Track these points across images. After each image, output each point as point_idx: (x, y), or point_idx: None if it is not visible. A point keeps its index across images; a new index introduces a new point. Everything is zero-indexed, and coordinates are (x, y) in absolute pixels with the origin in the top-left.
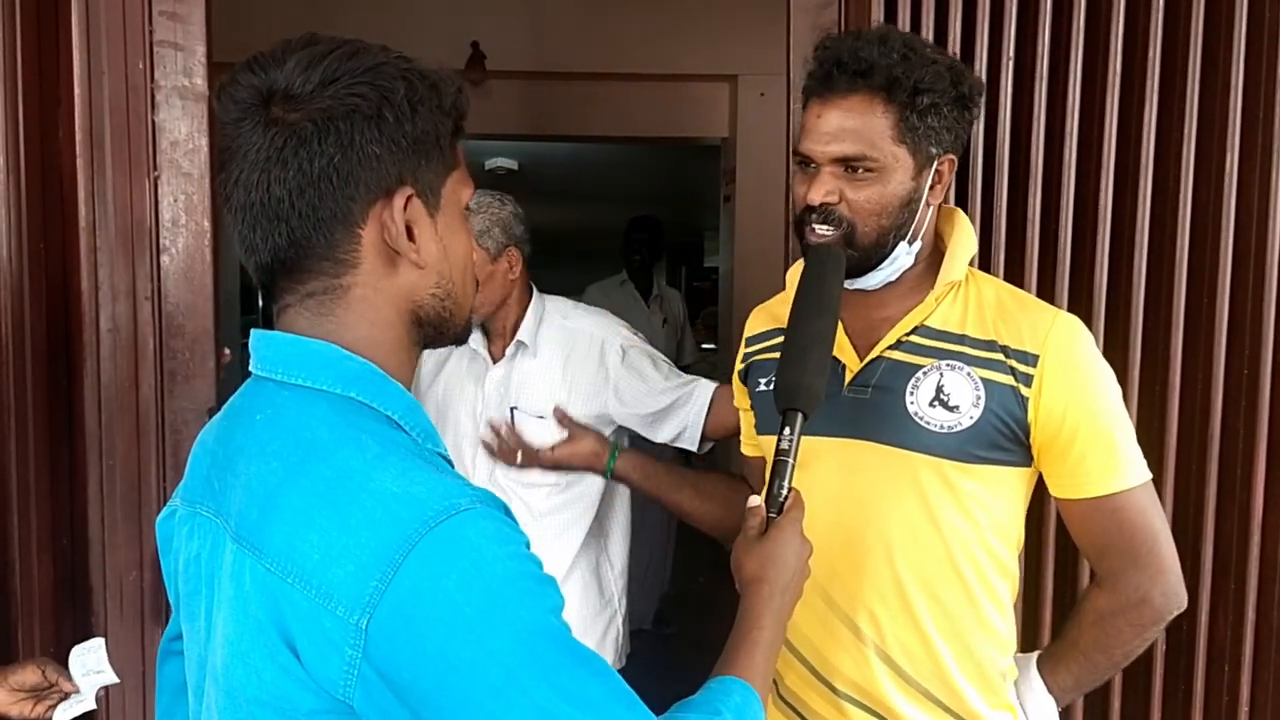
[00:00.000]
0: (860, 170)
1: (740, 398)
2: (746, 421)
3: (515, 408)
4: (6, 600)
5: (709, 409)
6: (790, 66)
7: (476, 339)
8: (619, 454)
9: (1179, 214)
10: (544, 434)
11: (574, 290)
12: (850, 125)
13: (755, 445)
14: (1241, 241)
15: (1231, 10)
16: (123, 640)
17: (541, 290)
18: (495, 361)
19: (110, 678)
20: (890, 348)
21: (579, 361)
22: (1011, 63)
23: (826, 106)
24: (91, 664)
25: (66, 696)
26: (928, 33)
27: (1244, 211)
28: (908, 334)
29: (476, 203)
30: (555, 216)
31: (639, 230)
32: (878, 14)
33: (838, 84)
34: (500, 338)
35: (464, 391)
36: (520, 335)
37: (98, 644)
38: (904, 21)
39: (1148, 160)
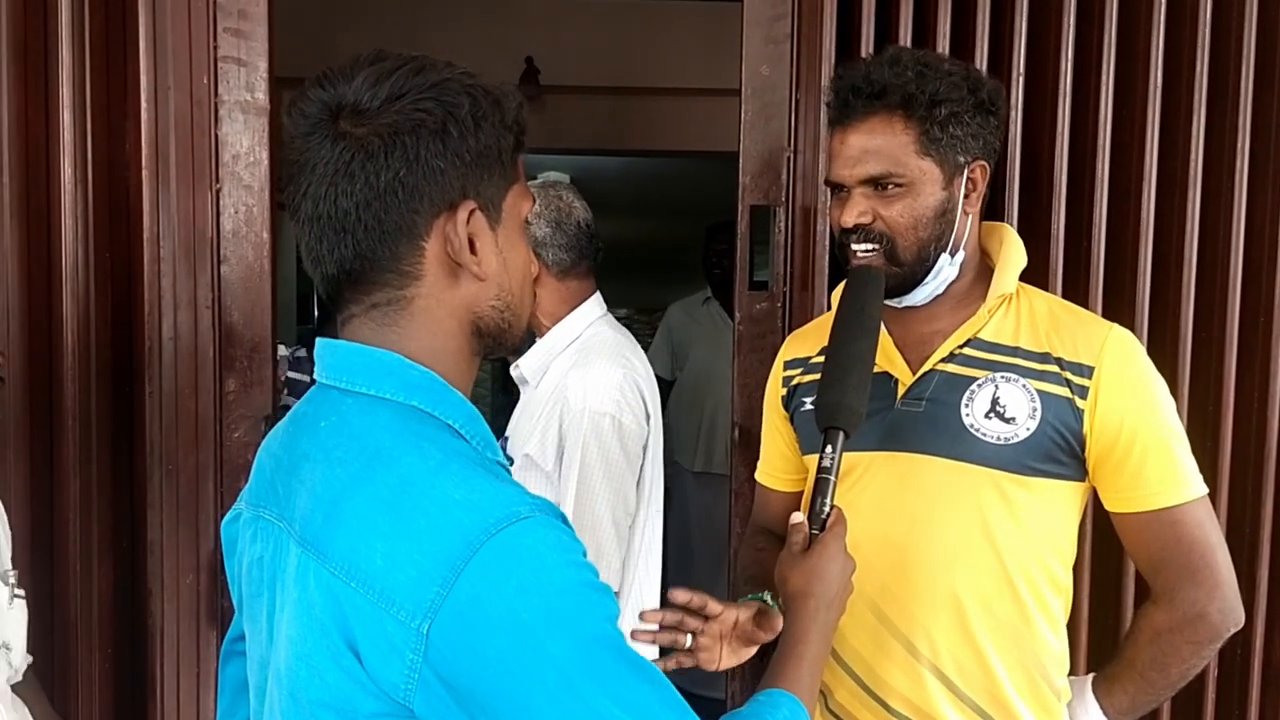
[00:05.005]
0: (889, 187)
1: (781, 422)
2: (774, 448)
3: (507, 437)
4: (66, 601)
5: None
6: (744, 79)
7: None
8: None
9: (1233, 226)
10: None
11: (623, 302)
12: (872, 146)
13: (773, 475)
14: None
15: None
16: (179, 642)
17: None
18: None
19: None
20: (943, 360)
21: (550, 410)
22: (1022, 79)
23: (848, 132)
24: None
25: None
26: (905, 41)
27: None
28: (960, 347)
29: None
30: (607, 229)
31: (719, 239)
32: (829, 25)
33: (855, 109)
34: None
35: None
36: (520, 359)
37: None
38: (866, 33)
39: (1196, 171)
